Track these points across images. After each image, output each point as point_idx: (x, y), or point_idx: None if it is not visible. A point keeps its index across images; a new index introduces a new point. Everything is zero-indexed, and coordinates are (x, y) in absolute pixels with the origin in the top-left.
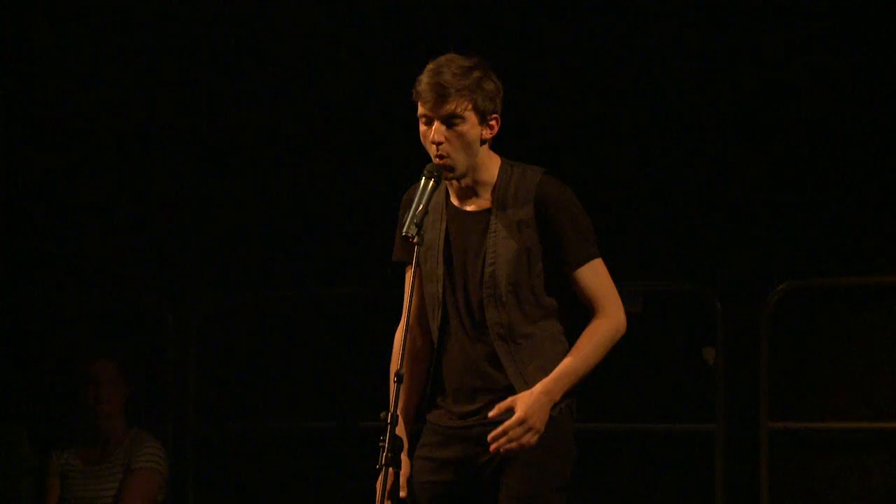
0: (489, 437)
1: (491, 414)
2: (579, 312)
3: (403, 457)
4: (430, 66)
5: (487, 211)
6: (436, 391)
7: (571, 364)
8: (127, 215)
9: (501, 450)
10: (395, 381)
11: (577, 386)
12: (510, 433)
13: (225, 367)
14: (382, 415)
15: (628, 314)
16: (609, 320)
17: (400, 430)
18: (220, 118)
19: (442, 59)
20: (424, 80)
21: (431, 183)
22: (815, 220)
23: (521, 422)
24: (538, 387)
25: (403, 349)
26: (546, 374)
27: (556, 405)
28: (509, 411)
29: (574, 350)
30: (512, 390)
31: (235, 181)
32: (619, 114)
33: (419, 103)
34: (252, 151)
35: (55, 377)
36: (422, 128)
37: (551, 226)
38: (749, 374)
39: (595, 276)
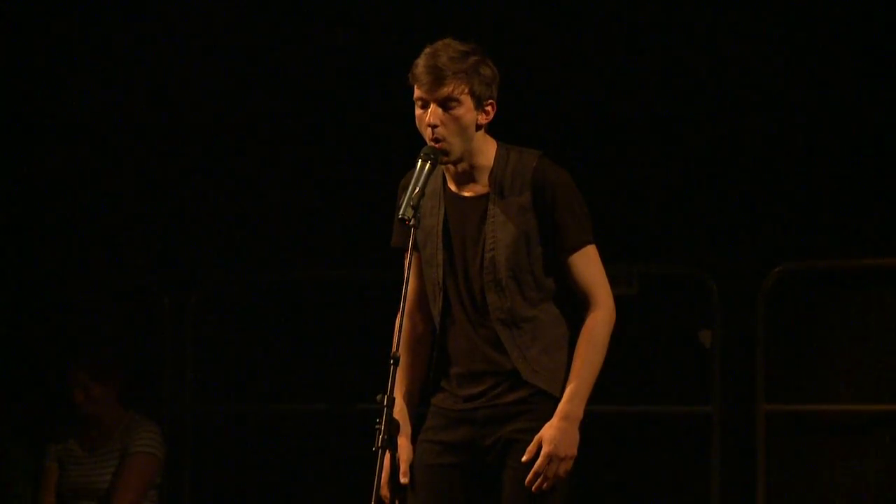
0: (526, 482)
1: (523, 459)
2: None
3: (405, 441)
4: (426, 50)
5: (485, 196)
6: (439, 375)
7: (581, 376)
8: (124, 200)
9: (535, 490)
10: (391, 364)
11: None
12: (544, 472)
13: (221, 350)
14: (378, 397)
15: (624, 296)
16: (602, 311)
17: (398, 413)
18: (217, 105)
19: (439, 43)
20: (421, 63)
21: (427, 165)
22: (811, 203)
23: (549, 458)
24: (557, 415)
25: (400, 333)
26: (549, 357)
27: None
28: (539, 449)
29: (578, 359)
30: (516, 374)
31: (231, 165)
32: (616, 96)
33: (415, 86)
34: (248, 136)
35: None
36: (417, 111)
37: (548, 210)
38: (745, 356)
39: (588, 264)
